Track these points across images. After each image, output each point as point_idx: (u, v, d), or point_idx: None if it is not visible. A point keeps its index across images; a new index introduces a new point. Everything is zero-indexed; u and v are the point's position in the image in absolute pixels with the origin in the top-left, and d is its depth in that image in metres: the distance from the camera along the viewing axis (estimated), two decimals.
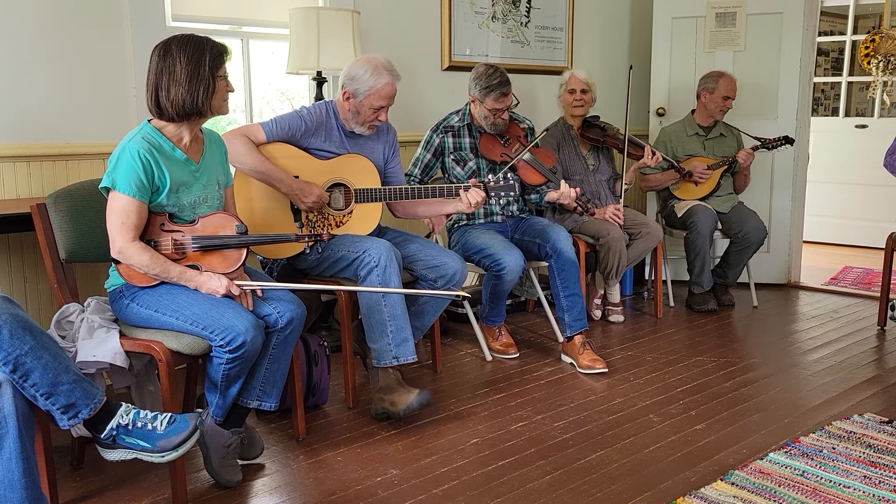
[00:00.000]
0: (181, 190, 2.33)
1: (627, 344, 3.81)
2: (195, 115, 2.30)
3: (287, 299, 2.43)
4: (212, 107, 2.31)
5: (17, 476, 1.85)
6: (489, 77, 3.45)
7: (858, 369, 3.40)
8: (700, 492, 2.29)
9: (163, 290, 2.31)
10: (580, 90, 4.10)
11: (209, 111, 2.32)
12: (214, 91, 2.30)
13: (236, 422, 2.45)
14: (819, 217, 6.55)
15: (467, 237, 3.50)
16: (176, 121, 2.31)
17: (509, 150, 3.58)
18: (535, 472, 2.44)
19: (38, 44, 3.00)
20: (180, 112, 2.27)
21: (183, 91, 2.25)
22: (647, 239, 4.04)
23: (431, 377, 3.35)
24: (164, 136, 2.32)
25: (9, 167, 2.96)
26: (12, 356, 1.82)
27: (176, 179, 2.31)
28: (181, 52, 2.26)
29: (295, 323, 2.41)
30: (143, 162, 2.22)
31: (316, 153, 2.98)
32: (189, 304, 2.27)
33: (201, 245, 2.35)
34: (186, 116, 2.29)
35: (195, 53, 2.27)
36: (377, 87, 2.91)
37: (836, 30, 7.30)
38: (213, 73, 2.28)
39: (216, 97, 2.31)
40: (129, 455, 2.00)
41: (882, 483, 2.35)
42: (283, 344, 2.42)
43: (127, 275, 2.29)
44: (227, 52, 2.35)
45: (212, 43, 2.32)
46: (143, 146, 2.24)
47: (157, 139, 2.30)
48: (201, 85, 2.26)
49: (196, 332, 2.25)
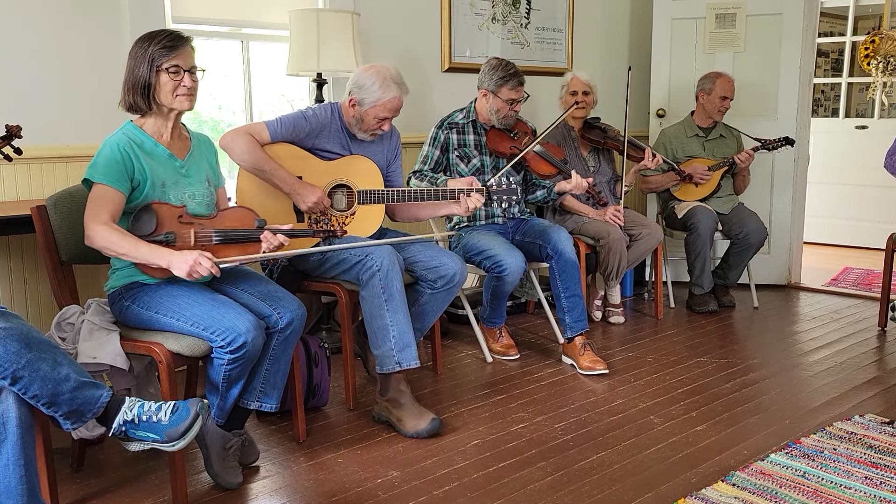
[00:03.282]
0: (167, 186, 2.35)
1: (628, 345, 3.81)
2: (140, 108, 2.33)
3: (287, 300, 2.43)
4: (157, 100, 2.31)
5: (13, 483, 1.84)
6: (504, 68, 3.48)
7: (859, 370, 3.40)
8: (701, 493, 2.29)
9: (163, 291, 2.31)
10: (582, 92, 4.10)
11: (154, 105, 2.33)
12: (157, 84, 2.30)
13: (237, 423, 2.45)
14: (819, 218, 6.55)
15: (468, 238, 3.50)
16: (136, 112, 2.35)
17: (519, 144, 3.59)
18: (535, 473, 2.44)
19: (39, 46, 3.00)
20: (128, 104, 2.33)
21: (128, 83, 2.31)
22: (648, 240, 4.04)
23: (432, 378, 3.35)
24: (145, 132, 2.36)
25: (9, 169, 2.96)
26: (9, 371, 1.81)
27: (158, 175, 2.33)
28: (135, 45, 2.32)
29: (295, 324, 2.42)
30: (122, 154, 2.27)
31: (319, 154, 2.98)
32: (189, 305, 2.26)
33: (224, 237, 2.37)
34: (136, 108, 2.34)
35: (143, 45, 2.30)
36: (384, 100, 2.91)
37: (835, 31, 7.30)
38: (154, 64, 2.29)
39: (161, 90, 2.31)
40: (146, 445, 2.01)
41: (883, 484, 2.35)
42: (283, 345, 2.43)
43: (143, 267, 2.30)
44: (178, 46, 2.31)
45: (163, 35, 2.31)
46: (122, 140, 2.29)
47: (138, 135, 2.34)
48: (141, 77, 2.29)
49: (196, 334, 2.25)
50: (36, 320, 3.04)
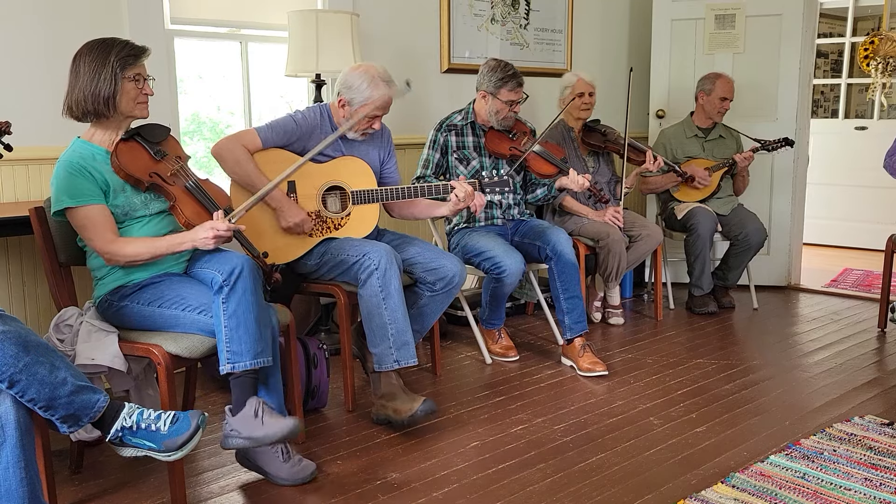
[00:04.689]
0: (127, 188, 2.36)
1: (627, 346, 3.80)
2: (98, 115, 2.33)
3: (226, 256, 2.34)
4: (118, 107, 2.33)
5: (14, 485, 1.83)
6: (503, 69, 3.47)
7: (859, 371, 3.40)
8: (700, 494, 2.29)
9: (163, 285, 2.34)
10: (588, 93, 4.09)
11: (115, 111, 2.33)
12: (120, 91, 2.31)
13: (242, 395, 2.32)
14: (819, 219, 6.54)
15: (467, 240, 3.49)
16: (83, 121, 2.35)
17: (518, 144, 3.58)
18: (535, 475, 2.44)
19: (37, 47, 3.00)
20: (83, 111, 2.32)
21: (85, 91, 2.30)
22: (647, 241, 4.04)
23: (431, 380, 3.34)
24: (95, 143, 2.37)
25: (7, 170, 2.95)
26: (6, 374, 1.80)
27: (117, 181, 2.34)
28: (88, 54, 2.31)
29: (238, 272, 2.28)
30: (78, 170, 2.28)
31: (311, 157, 2.98)
32: (195, 295, 2.30)
33: (194, 187, 2.41)
34: (93, 116, 2.33)
35: (101, 54, 2.30)
36: (373, 98, 2.91)
37: (835, 32, 7.30)
38: (118, 72, 2.30)
39: (123, 98, 2.33)
40: (140, 452, 2.00)
41: (883, 485, 2.35)
42: (235, 297, 2.28)
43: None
44: (139, 55, 2.34)
45: (122, 44, 2.33)
46: (70, 158, 2.30)
47: (87, 149, 2.35)
48: (103, 84, 2.29)
49: (203, 322, 2.26)
50: (34, 322, 3.04)
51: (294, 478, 2.37)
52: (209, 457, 2.60)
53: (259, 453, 2.39)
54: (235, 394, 2.32)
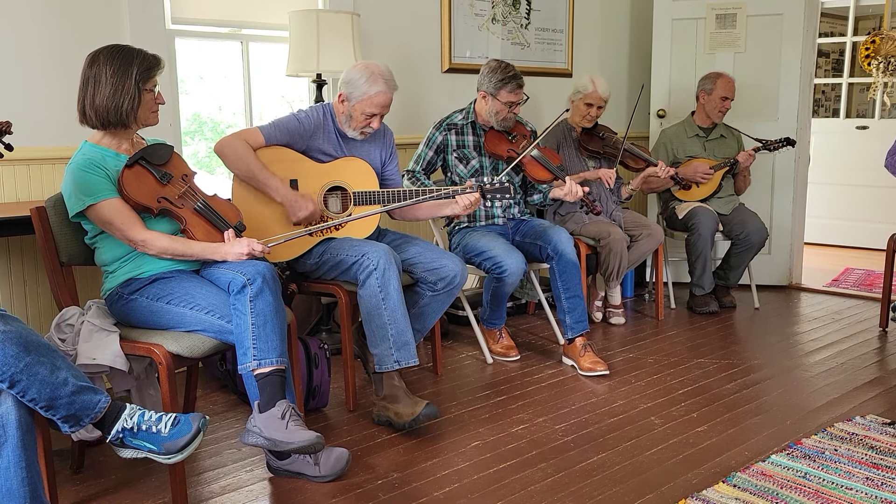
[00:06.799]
0: None
1: (628, 346, 3.80)
2: (119, 125, 2.34)
3: (248, 264, 2.36)
4: (137, 118, 2.36)
5: (15, 485, 1.83)
6: (504, 70, 3.47)
7: (860, 371, 3.39)
8: (702, 494, 2.29)
9: (174, 282, 2.34)
10: (597, 106, 4.07)
11: (134, 122, 2.36)
12: (140, 103, 2.34)
13: (271, 398, 2.30)
14: (820, 219, 6.54)
15: (468, 239, 3.49)
16: (100, 129, 2.36)
17: (516, 147, 3.58)
18: (536, 474, 2.44)
19: (38, 47, 3.00)
20: (103, 121, 2.33)
21: (108, 101, 2.30)
22: (648, 241, 4.04)
23: (432, 380, 3.34)
24: (103, 146, 2.38)
25: (8, 170, 2.96)
26: (7, 374, 1.81)
27: None
28: (108, 63, 2.31)
29: (262, 278, 2.31)
30: (88, 168, 2.29)
31: (314, 156, 2.98)
32: (205, 296, 2.30)
33: (204, 207, 2.43)
34: (110, 125, 2.34)
35: (123, 65, 2.31)
36: (370, 95, 2.91)
37: (836, 31, 7.30)
38: (140, 85, 2.32)
39: (142, 109, 2.36)
40: (140, 454, 2.00)
41: (884, 485, 2.35)
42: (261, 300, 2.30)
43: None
44: (157, 66, 2.38)
45: (142, 55, 2.35)
46: (81, 161, 2.31)
47: (97, 152, 2.36)
48: (126, 96, 2.31)
49: (209, 322, 2.27)
50: (35, 322, 3.04)
51: (333, 471, 2.39)
52: (210, 457, 2.60)
53: (291, 463, 2.41)
54: (265, 392, 2.29)
